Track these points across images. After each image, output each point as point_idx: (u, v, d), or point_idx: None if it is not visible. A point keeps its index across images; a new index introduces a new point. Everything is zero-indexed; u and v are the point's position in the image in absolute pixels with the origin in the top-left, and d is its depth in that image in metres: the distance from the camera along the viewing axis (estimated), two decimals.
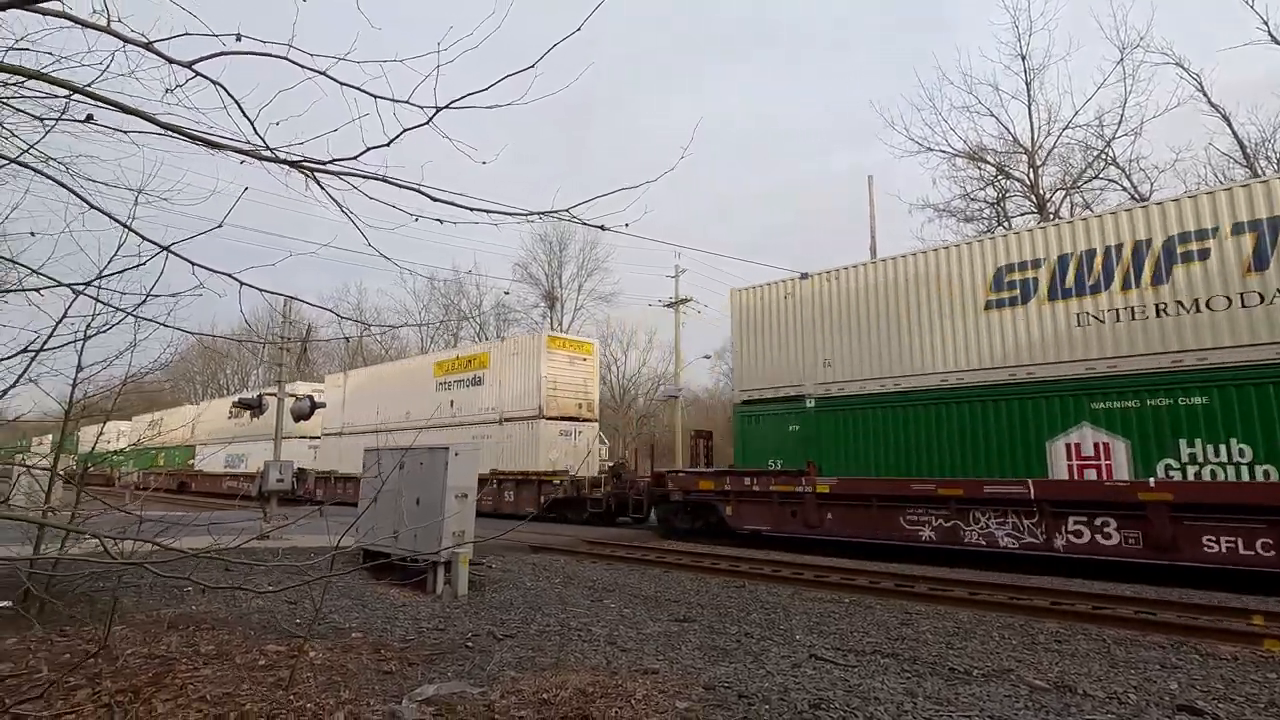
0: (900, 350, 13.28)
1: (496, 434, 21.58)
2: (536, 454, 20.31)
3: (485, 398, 22.54)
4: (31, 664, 5.04)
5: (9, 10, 2.53)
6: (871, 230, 23.81)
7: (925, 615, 7.83)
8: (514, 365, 21.88)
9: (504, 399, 21.82)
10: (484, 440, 21.20)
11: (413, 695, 4.67)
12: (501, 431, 21.58)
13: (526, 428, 20.89)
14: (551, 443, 20.52)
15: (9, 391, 4.52)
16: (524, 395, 21.25)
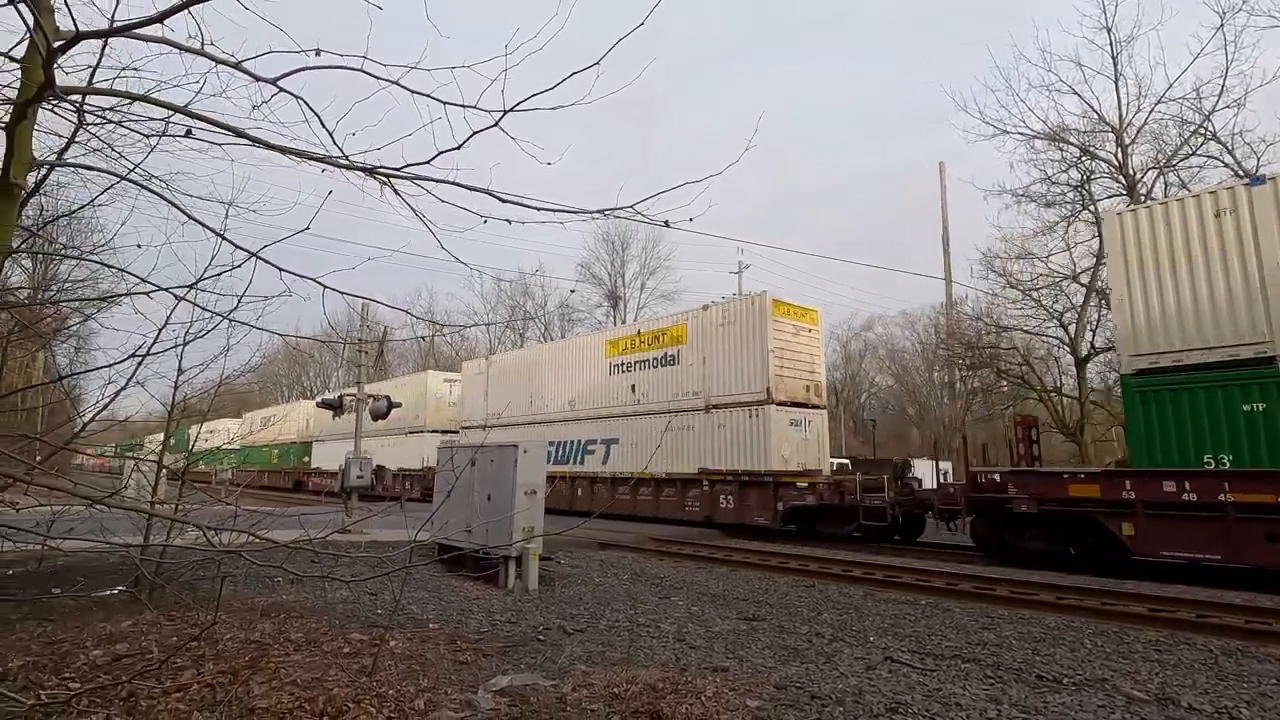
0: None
1: (701, 424, 17.47)
2: (765, 449, 15.95)
3: (682, 380, 18.32)
4: (143, 644, 5.44)
5: (115, 38, 2.73)
6: (943, 218, 22.91)
7: (1008, 620, 7.48)
8: (724, 338, 17.45)
9: (711, 381, 17.49)
10: (684, 432, 17.83)
11: (488, 686, 4.80)
12: (709, 421, 17.35)
13: (748, 416, 16.52)
14: (783, 435, 16.19)
15: (120, 393, 4.90)
16: (742, 375, 16.83)
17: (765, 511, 15.66)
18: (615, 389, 20.16)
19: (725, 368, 17.31)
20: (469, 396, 26.29)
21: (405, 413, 27.45)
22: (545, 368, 23.30)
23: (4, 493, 3.86)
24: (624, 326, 21.76)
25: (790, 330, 17.11)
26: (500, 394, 24.49)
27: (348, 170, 3.18)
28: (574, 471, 20.85)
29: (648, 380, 19.37)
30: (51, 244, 9.77)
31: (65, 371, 15.54)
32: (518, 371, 24.54)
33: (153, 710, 3.97)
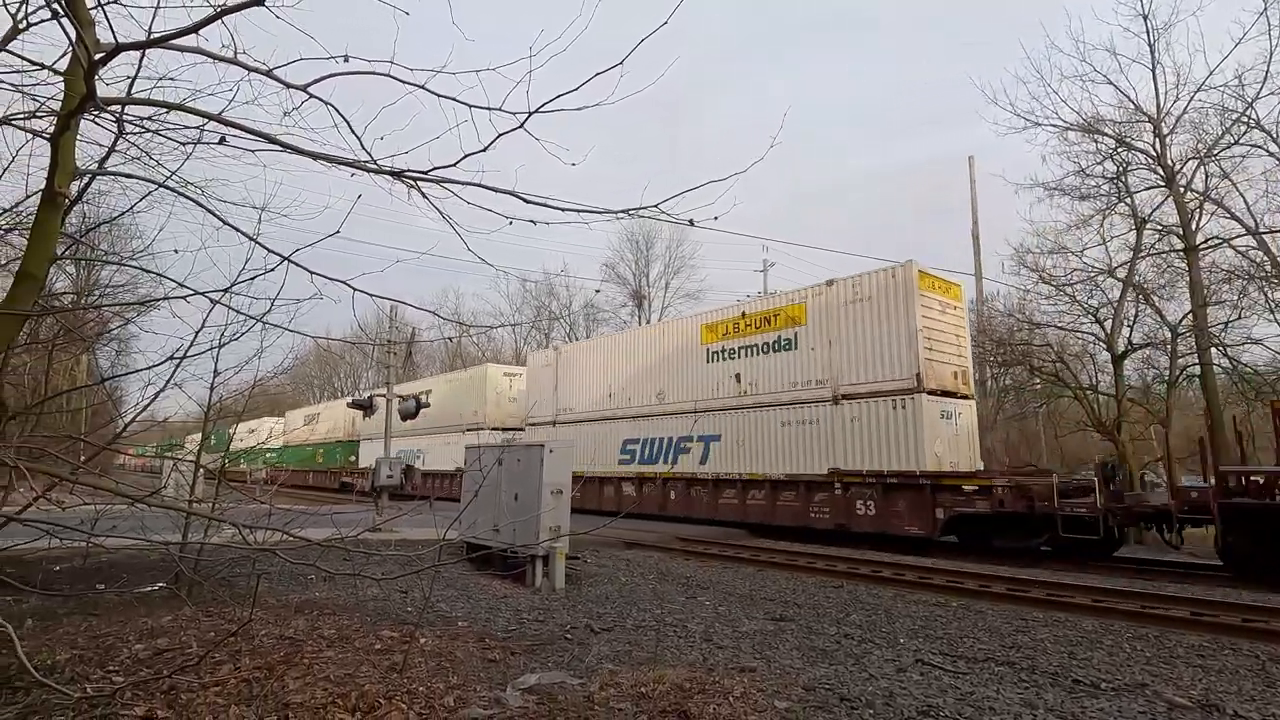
0: None
1: (828, 418, 15.05)
2: (916, 446, 13.52)
3: (802, 367, 15.91)
4: (183, 639, 5.59)
5: (152, 49, 2.81)
6: (973, 213, 22.50)
7: (1043, 622, 7.32)
8: (856, 318, 15.02)
9: (840, 367, 15.05)
10: (805, 427, 15.52)
11: (516, 684, 4.83)
12: (838, 415, 14.91)
13: (891, 408, 14.04)
14: (935, 429, 13.73)
15: (159, 395, 5.04)
16: (881, 360, 14.42)
17: (919, 520, 13.08)
18: (715, 379, 17.79)
19: (859, 351, 14.79)
20: (536, 390, 24.11)
21: (463, 408, 27.03)
22: (626, 357, 20.73)
23: (50, 491, 3.99)
24: (725, 308, 17.89)
25: (937, 307, 14.50)
26: (572, 387, 22.45)
27: (376, 174, 3.23)
28: (665, 472, 18.52)
29: (757, 368, 16.84)
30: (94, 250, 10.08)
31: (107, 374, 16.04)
32: (593, 362, 22.05)
33: (192, 704, 4.07)
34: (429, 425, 28.04)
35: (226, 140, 3.26)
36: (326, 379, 69.13)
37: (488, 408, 26.55)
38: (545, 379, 23.95)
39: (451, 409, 27.75)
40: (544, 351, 25.76)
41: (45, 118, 4.38)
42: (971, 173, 22.84)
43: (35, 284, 2.67)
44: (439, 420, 27.36)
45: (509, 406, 26.70)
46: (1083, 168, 22.54)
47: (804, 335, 16.09)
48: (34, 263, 2.62)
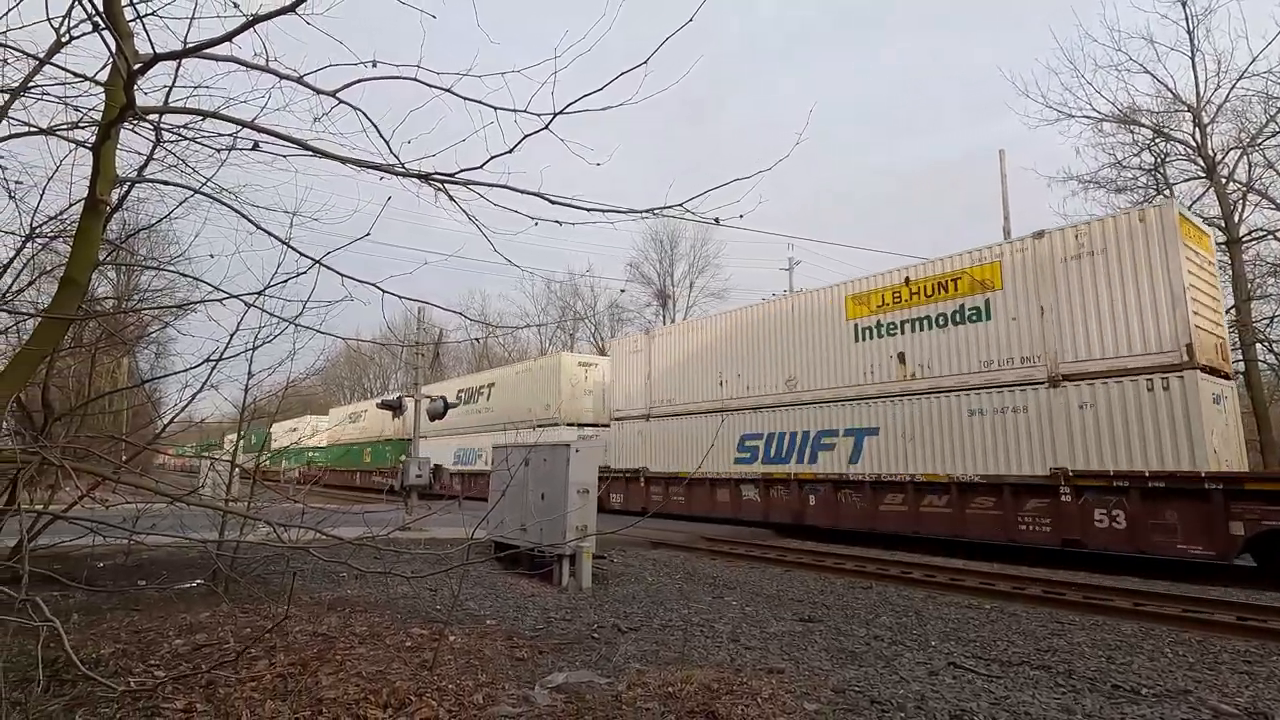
0: None
1: (1043, 404, 11.95)
2: (1191, 438, 10.41)
3: (998, 341, 12.76)
4: (220, 635, 5.72)
5: (188, 58, 2.88)
6: (1004, 209, 22.06)
7: (1080, 626, 7.15)
8: (1083, 276, 11.86)
9: (1061, 339, 11.93)
10: (1007, 415, 12.37)
11: (544, 682, 4.86)
12: (1058, 400, 11.77)
13: (1146, 390, 10.89)
14: (1210, 418, 10.67)
15: (196, 396, 5.16)
16: (1127, 328, 11.28)
17: (1203, 536, 9.91)
18: (868, 360, 14.64)
19: (1088, 319, 11.66)
20: (623, 381, 21.26)
21: (533, 403, 24.79)
22: (743, 339, 17.62)
23: (95, 490, 4.11)
24: (876, 275, 14.85)
25: (1195, 260, 11.40)
26: (671, 376, 19.50)
27: (404, 177, 3.27)
28: (800, 473, 15.42)
29: (928, 346, 13.63)
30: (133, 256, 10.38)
31: (147, 376, 16.50)
32: (697, 346, 18.90)
33: (230, 698, 4.16)
34: (492, 422, 26.07)
35: (259, 146, 3.33)
36: (357, 380, 70.32)
37: (562, 401, 23.88)
38: (634, 368, 20.91)
39: (519, 403, 25.71)
40: (632, 336, 22.28)
41: (87, 128, 4.52)
42: (1002, 167, 22.40)
43: (79, 289, 2.76)
44: (506, 416, 25.38)
45: (584, 400, 24.30)
46: (1119, 160, 22.00)
47: (1000, 302, 12.75)
48: (78, 269, 2.71)
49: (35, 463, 2.83)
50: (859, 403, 14.76)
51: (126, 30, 2.62)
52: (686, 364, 19.22)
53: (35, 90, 4.51)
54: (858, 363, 14.92)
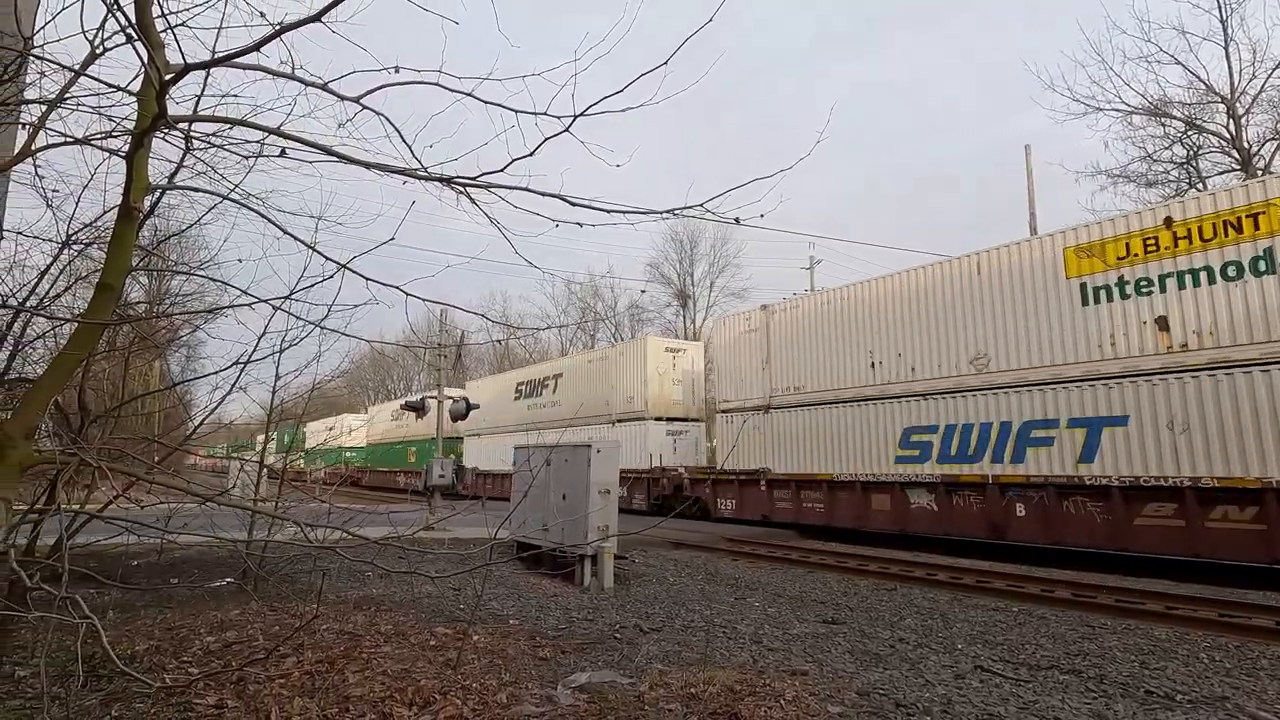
0: None
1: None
2: None
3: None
4: (250, 632, 5.83)
5: (216, 68, 2.94)
6: (1030, 204, 21.69)
7: (1111, 630, 7.00)
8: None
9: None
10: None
11: (567, 682, 4.88)
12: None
13: None
14: None
15: (225, 398, 5.26)
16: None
17: None
18: (1104, 327, 11.30)
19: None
20: (732, 367, 17.93)
21: (610, 394, 22.23)
22: (903, 309, 14.09)
23: (129, 490, 4.22)
24: (1118, 219, 11.61)
25: None
26: (799, 359, 16.10)
27: (426, 181, 3.31)
28: (1002, 474, 12.14)
29: (1205, 306, 10.33)
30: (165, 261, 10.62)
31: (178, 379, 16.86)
32: (837, 321, 15.39)
33: (259, 695, 4.24)
34: (559, 418, 23.39)
35: (286, 153, 3.39)
36: (380, 382, 71.17)
37: (648, 392, 20.76)
38: (748, 350, 17.47)
39: (594, 396, 22.86)
40: (743, 314, 18.22)
41: (120, 137, 4.63)
42: (1028, 162, 22.03)
43: (114, 295, 2.83)
44: (576, 410, 22.88)
45: (672, 391, 21.22)
46: (1149, 153, 21.54)
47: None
48: (112, 274, 2.78)
49: (74, 463, 2.91)
50: (1091, 384, 11.30)
51: (158, 41, 2.68)
52: (821, 343, 15.70)
53: (70, 101, 4.63)
54: (1087, 332, 11.48)
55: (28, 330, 6.03)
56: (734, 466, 17.37)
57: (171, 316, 11.55)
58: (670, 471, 19.44)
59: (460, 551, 7.67)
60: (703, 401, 22.28)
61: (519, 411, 27.38)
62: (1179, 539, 10.08)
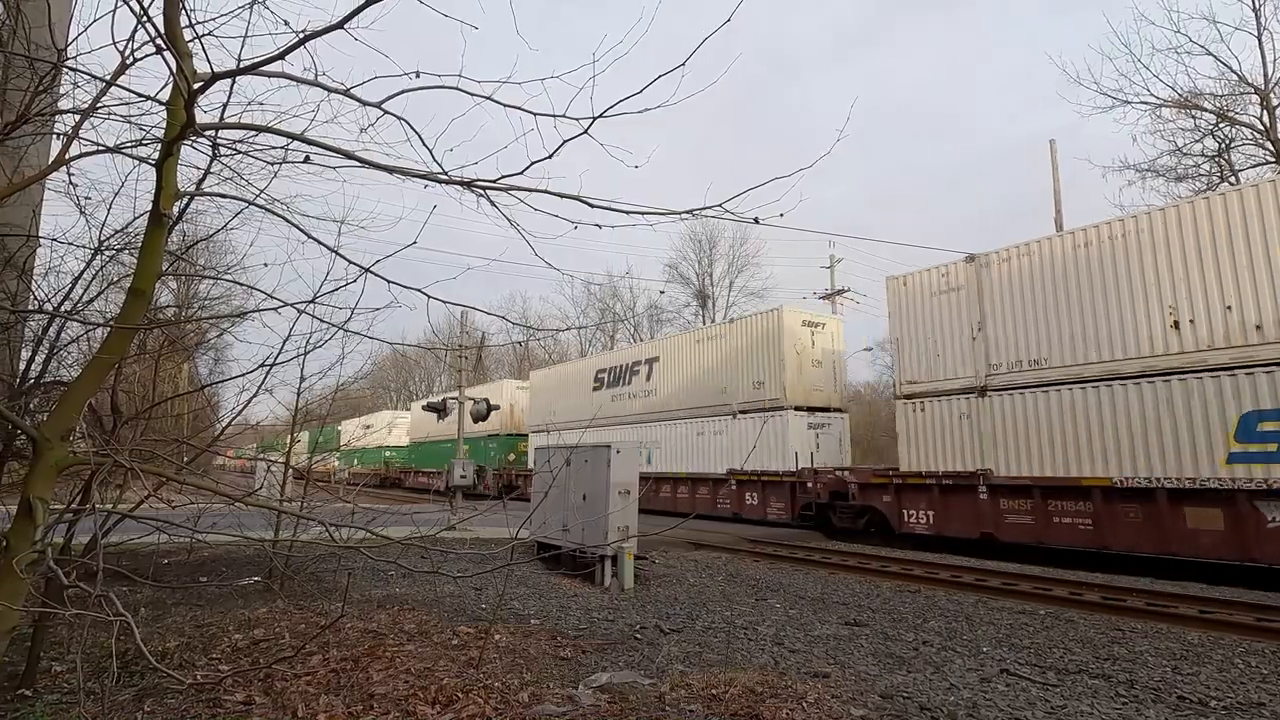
0: None
1: None
2: None
3: None
4: (277, 630, 5.93)
5: (242, 76, 3.00)
6: (1056, 201, 21.31)
7: (1142, 634, 6.86)
8: None
9: None
10: None
11: (588, 682, 4.89)
12: None
13: None
14: None
15: (252, 400, 5.36)
16: None
17: None
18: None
19: None
20: (919, 339, 14.15)
21: (736, 380, 18.39)
22: (1245, 240, 9.96)
23: (160, 490, 4.31)
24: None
25: None
26: (1034, 323, 12.26)
27: (447, 185, 3.34)
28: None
29: None
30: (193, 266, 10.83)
31: (206, 381, 17.19)
32: (1108, 265, 11.39)
33: (286, 692, 4.31)
34: (655, 410, 20.43)
35: (311, 159, 3.45)
36: (403, 383, 71.97)
37: (786, 376, 17.05)
38: (946, 317, 13.72)
39: (704, 383, 19.42)
40: (934, 270, 14.17)
41: (150, 145, 4.74)
42: (1053, 158, 21.64)
43: (144, 299, 2.90)
44: (681, 400, 19.82)
45: (812, 375, 17.61)
46: (1179, 146, 21.06)
47: None
48: (143, 279, 2.84)
49: (108, 464, 2.98)
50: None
51: (186, 50, 2.74)
52: (1074, 300, 11.70)
53: (102, 110, 4.75)
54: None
55: (62, 334, 6.19)
56: (923, 467, 13.63)
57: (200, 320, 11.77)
58: (825, 474, 15.42)
59: (482, 551, 7.74)
60: (844, 387, 18.79)
61: (600, 403, 23.56)
62: None
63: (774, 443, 17.02)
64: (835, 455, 17.38)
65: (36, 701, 4.17)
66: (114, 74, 3.95)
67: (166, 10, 2.68)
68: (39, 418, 5.76)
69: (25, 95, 5.18)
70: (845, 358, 19.35)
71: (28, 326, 6.46)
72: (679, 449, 20.20)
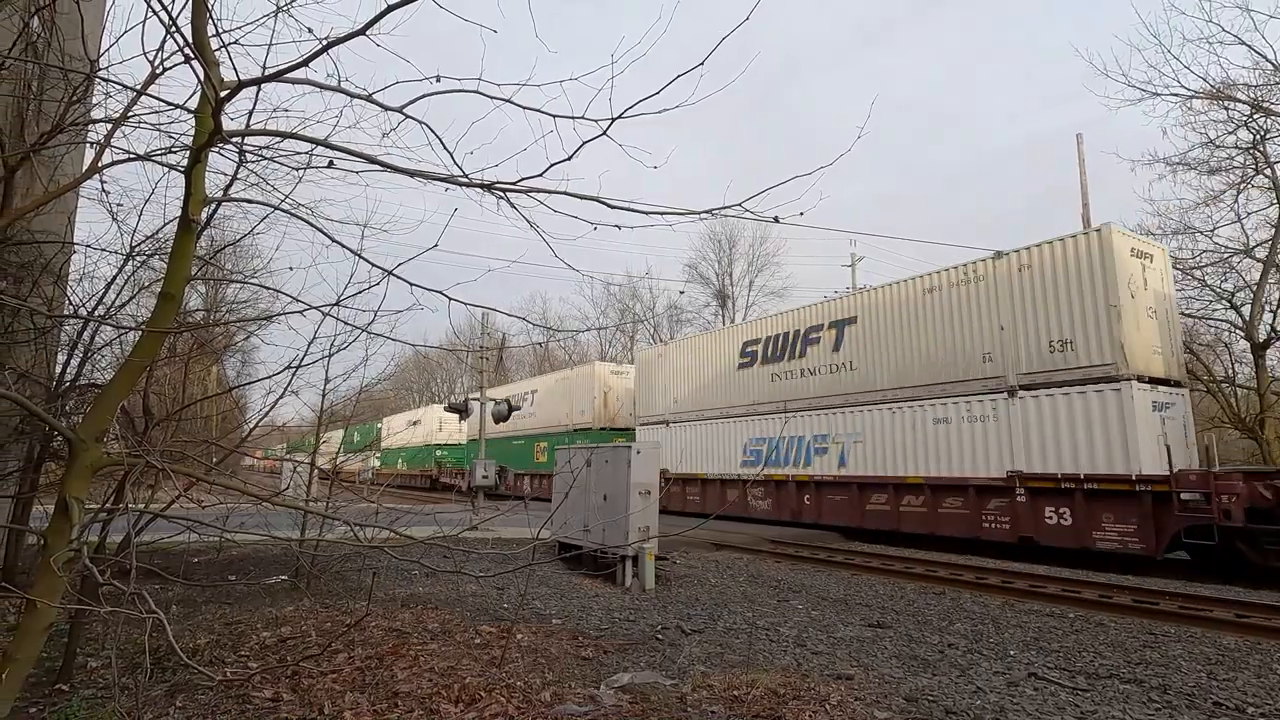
0: None
1: None
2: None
3: None
4: (303, 629, 6.02)
5: (267, 83, 3.05)
6: (1083, 195, 20.91)
7: (1175, 638, 6.70)
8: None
9: None
10: None
11: (609, 682, 4.90)
12: None
13: None
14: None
15: (278, 402, 5.44)
16: None
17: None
18: None
19: None
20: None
21: (1022, 341, 12.46)
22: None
23: (190, 490, 4.40)
24: None
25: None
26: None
27: (468, 187, 3.37)
28: None
29: None
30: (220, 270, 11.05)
31: (234, 383, 17.52)
32: None
33: (313, 689, 4.37)
34: (876, 387, 14.93)
35: (334, 164, 3.50)
36: (425, 384, 72.69)
37: (1124, 329, 11.23)
38: None
39: (960, 345, 13.54)
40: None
41: (179, 152, 4.84)
42: (1080, 152, 21.23)
43: (175, 303, 2.96)
44: (922, 372, 14.09)
45: (1148, 329, 11.90)
46: (1211, 139, 20.53)
47: None
48: (174, 284, 2.91)
49: (140, 464, 3.05)
50: None
51: (213, 59, 2.80)
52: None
53: (133, 119, 4.86)
54: None
55: (96, 338, 6.35)
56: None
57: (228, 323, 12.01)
58: (1231, 481, 9.63)
59: (504, 551, 7.79)
60: (1180, 349, 12.83)
61: (751, 385, 18.27)
62: None
63: (1101, 432, 11.20)
64: (1182, 451, 11.46)
65: (73, 696, 4.28)
66: (144, 83, 4.04)
67: (194, 20, 2.73)
68: (74, 420, 5.91)
69: (60, 105, 5.32)
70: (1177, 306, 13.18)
71: (63, 331, 6.63)
72: (897, 443, 14.38)
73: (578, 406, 25.00)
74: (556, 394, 26.60)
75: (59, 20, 5.98)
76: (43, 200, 5.33)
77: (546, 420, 26.74)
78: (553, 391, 27.00)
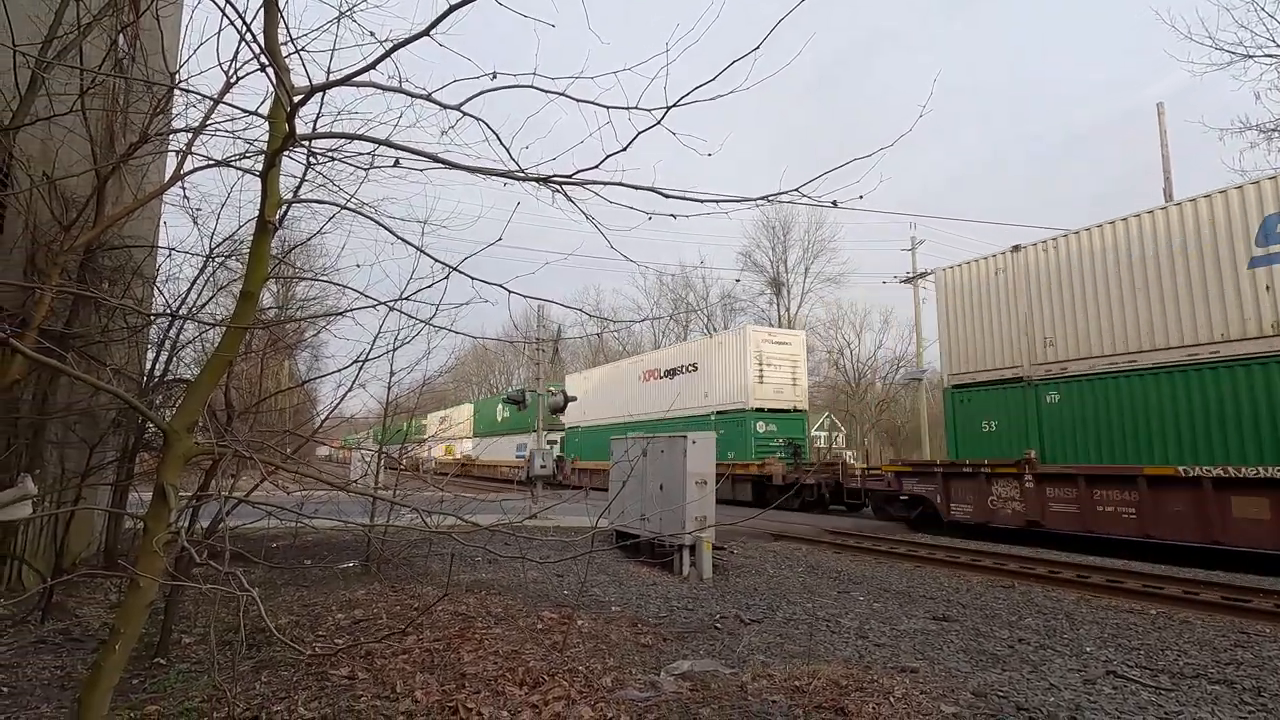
0: None
1: None
2: None
3: None
4: (374, 611, 6.29)
5: (333, 88, 3.17)
6: (1165, 169, 19.67)
7: (1270, 638, 6.29)
8: None
9: None
10: None
11: (669, 669, 4.94)
12: None
13: None
14: None
15: (347, 394, 5.68)
16: None
17: None
18: None
19: None
20: None
21: None
22: None
23: (270, 477, 4.64)
24: None
25: None
26: None
27: (524, 181, 3.42)
28: None
29: None
30: (292, 269, 11.55)
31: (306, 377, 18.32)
32: None
33: (385, 669, 4.57)
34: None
35: (399, 163, 3.61)
36: (483, 376, 74.36)
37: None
38: None
39: None
40: None
41: (253, 157, 5.08)
42: (1161, 124, 19.96)
43: (254, 301, 3.12)
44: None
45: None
46: None
47: None
48: (253, 282, 3.06)
49: (228, 454, 3.25)
50: None
51: (285, 65, 2.92)
52: None
53: (210, 127, 5.13)
54: None
55: (180, 336, 6.75)
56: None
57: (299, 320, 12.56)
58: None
59: (564, 539, 7.94)
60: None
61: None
62: None
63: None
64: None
65: (170, 670, 4.60)
66: (220, 92, 4.26)
67: (267, 27, 2.86)
68: (164, 413, 6.31)
69: (145, 117, 5.65)
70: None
71: (152, 329, 7.07)
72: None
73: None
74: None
75: (142, 37, 6.34)
76: (132, 207, 5.69)
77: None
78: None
